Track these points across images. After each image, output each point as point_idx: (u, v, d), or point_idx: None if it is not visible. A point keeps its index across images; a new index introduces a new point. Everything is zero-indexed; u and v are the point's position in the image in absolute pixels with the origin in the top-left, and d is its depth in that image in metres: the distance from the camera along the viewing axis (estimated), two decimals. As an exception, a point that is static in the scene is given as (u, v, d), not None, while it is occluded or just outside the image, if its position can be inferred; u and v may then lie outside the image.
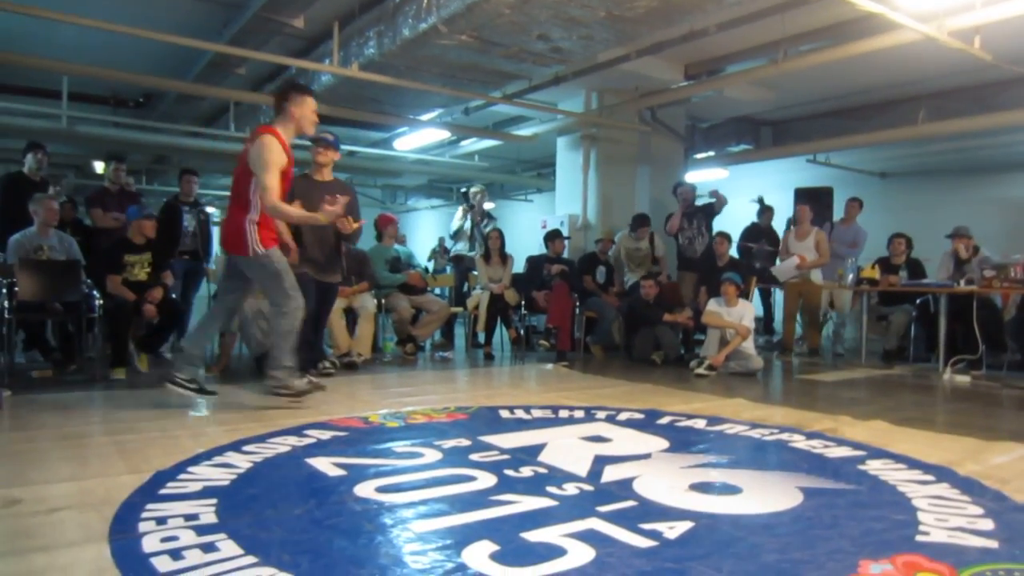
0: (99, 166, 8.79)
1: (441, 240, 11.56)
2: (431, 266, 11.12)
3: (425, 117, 8.60)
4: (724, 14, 5.84)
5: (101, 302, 5.09)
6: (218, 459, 2.96)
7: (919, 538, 2.13)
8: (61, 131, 8.09)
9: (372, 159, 11.41)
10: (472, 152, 11.26)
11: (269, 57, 6.24)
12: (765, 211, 8.45)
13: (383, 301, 6.58)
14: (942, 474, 2.82)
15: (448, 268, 9.42)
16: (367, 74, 6.17)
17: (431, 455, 3.09)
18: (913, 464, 2.97)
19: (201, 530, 2.14)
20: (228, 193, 12.90)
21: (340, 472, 2.81)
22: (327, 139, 4.94)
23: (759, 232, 8.33)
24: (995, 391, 5.29)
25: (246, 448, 3.14)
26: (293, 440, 3.32)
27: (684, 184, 8.05)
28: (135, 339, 5.45)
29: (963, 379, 5.67)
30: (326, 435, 3.45)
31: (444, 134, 9.57)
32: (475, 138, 10.18)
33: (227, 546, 2.01)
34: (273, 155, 3.81)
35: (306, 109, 4.00)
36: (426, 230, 17.20)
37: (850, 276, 6.99)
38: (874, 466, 2.96)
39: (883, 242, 7.39)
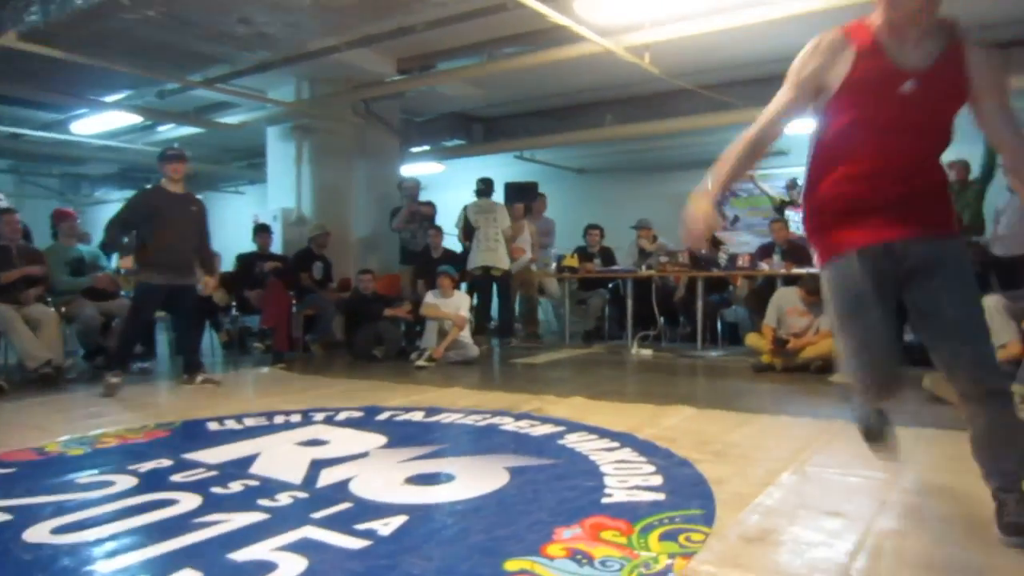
0: None
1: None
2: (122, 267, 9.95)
3: (109, 98, 7.66)
4: (432, 13, 5.98)
5: None
6: None
7: (604, 500, 2.39)
8: None
9: (45, 144, 9.87)
10: (171, 139, 10.26)
11: None
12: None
13: (63, 309, 5.74)
14: (625, 440, 3.20)
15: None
16: (28, 44, 5.30)
17: (124, 482, 2.77)
18: (603, 434, 3.33)
19: None
20: None
21: (5, 517, 2.40)
22: (183, 154, 5.19)
23: None
24: (671, 361, 6.14)
25: None
26: (-61, 485, 2.78)
27: (407, 180, 8.15)
28: None
29: (647, 352, 6.49)
30: (-15, 474, 2.93)
31: (135, 118, 8.60)
32: (173, 124, 9.30)
33: None
34: None
35: None
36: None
37: (553, 264, 7.62)
38: (571, 439, 3.26)
39: (580, 232, 8.16)
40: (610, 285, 7.70)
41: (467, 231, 7.65)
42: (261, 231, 7.28)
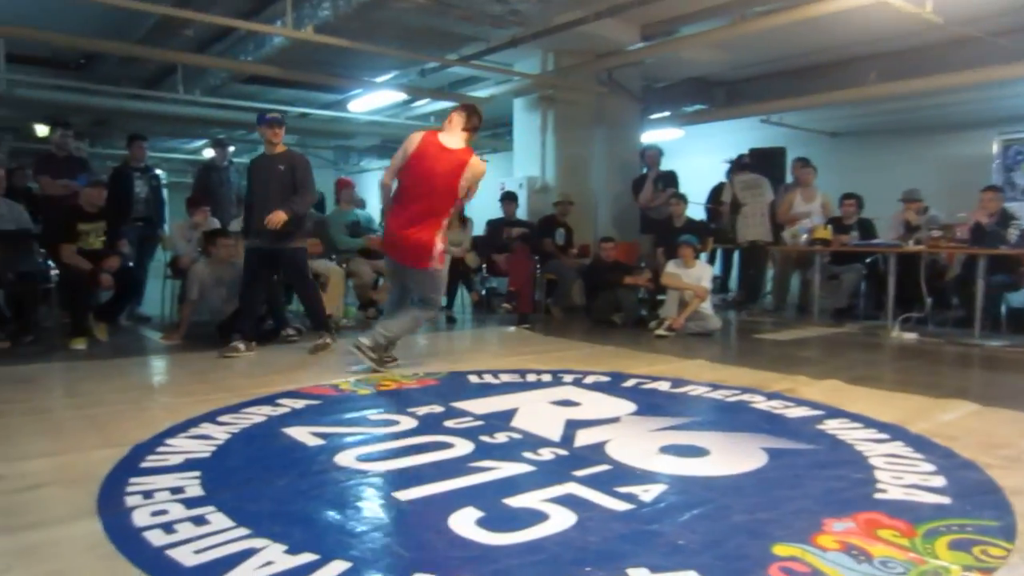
0: (41, 129, 8.43)
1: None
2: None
3: (380, 79, 8.46)
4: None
5: (56, 272, 4.97)
6: (194, 431, 2.97)
7: (877, 496, 2.26)
8: (1, 95, 7.72)
9: (324, 121, 11.19)
10: (427, 113, 11.11)
11: (217, 20, 6.02)
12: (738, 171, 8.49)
13: (344, 266, 6.54)
14: (895, 432, 2.97)
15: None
16: (322, 37, 6.02)
17: (406, 422, 3.14)
18: (868, 423, 3.12)
19: (189, 503, 2.17)
20: (175, 156, 12.34)
21: (318, 441, 2.84)
22: (278, 119, 5.02)
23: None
24: (939, 348, 5.53)
25: (221, 419, 3.15)
26: (267, 410, 3.34)
27: (649, 148, 8.14)
28: (93, 308, 5.33)
29: (910, 336, 5.89)
30: (299, 404, 3.47)
31: (399, 96, 9.42)
32: (429, 99, 10.04)
33: (217, 518, 2.05)
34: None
35: None
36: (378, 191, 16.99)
37: (804, 236, 7.18)
38: (832, 425, 3.11)
39: (834, 201, 7.59)
40: (867, 260, 7.11)
41: (733, 205, 7.66)
42: (508, 199, 7.67)
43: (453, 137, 4.13)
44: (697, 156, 9.79)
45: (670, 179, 7.82)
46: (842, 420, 3.19)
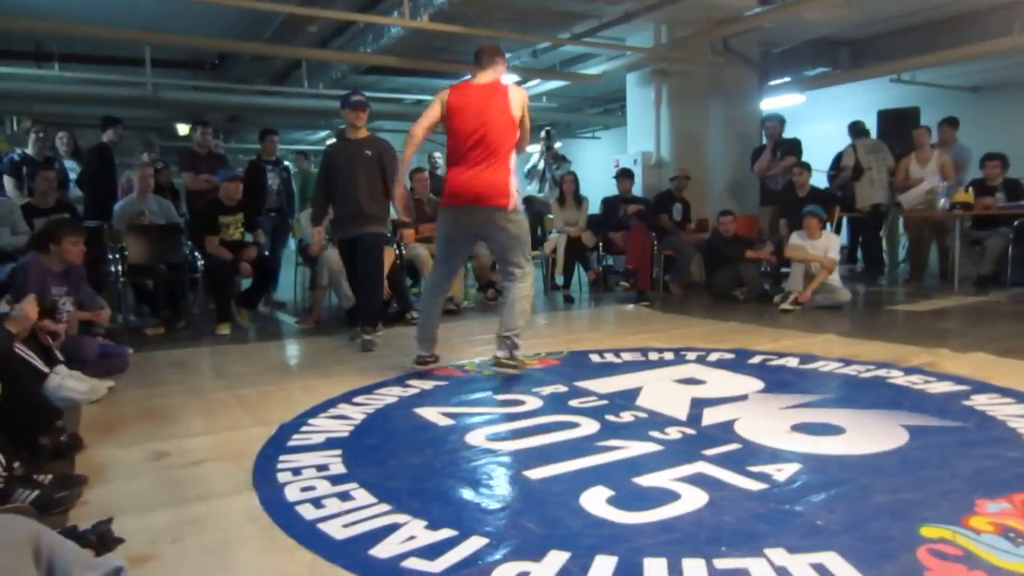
0: (182, 128, 9.11)
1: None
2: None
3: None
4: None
5: (202, 262, 5.37)
6: (333, 411, 3.15)
7: (1036, 475, 2.12)
8: (148, 97, 8.38)
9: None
10: (539, 93, 11.11)
11: (339, 15, 6.28)
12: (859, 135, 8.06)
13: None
14: (1055, 409, 2.76)
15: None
16: (438, 25, 6.15)
17: (532, 402, 3.19)
18: (1022, 398, 2.92)
19: (334, 480, 2.31)
20: (301, 148, 12.90)
21: (449, 421, 2.95)
22: (364, 102, 4.72)
23: None
24: (1103, 317, 5.07)
25: (356, 400, 3.32)
26: (398, 390, 3.49)
27: (771, 118, 7.83)
28: (235, 296, 5.73)
29: (1069, 305, 5.41)
30: (428, 384, 3.60)
31: (512, 77, 9.47)
32: (540, 79, 10.04)
33: (361, 495, 2.17)
34: None
35: None
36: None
37: (942, 200, 6.70)
38: (980, 401, 2.92)
39: (976, 162, 7.05)
40: (1015, 223, 6.55)
41: (856, 170, 7.40)
42: (623, 175, 7.56)
43: (485, 75, 3.78)
44: (821, 122, 9.30)
45: (792, 147, 7.49)
46: (992, 395, 2.99)
